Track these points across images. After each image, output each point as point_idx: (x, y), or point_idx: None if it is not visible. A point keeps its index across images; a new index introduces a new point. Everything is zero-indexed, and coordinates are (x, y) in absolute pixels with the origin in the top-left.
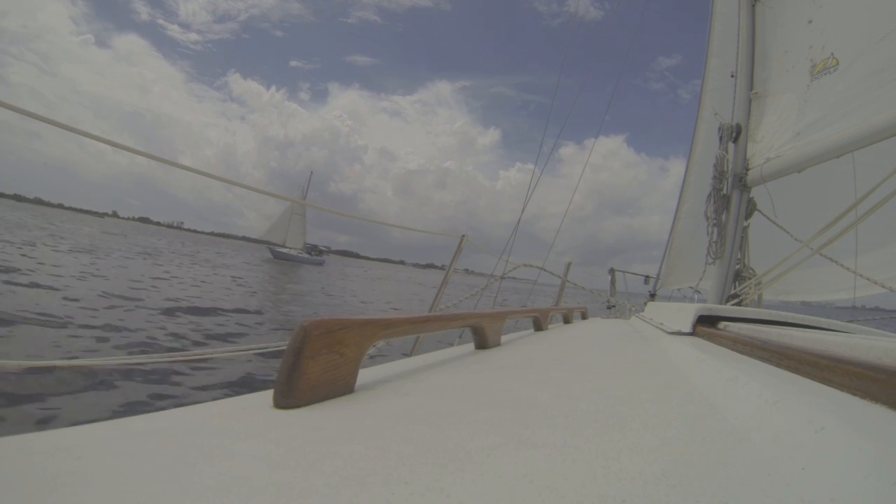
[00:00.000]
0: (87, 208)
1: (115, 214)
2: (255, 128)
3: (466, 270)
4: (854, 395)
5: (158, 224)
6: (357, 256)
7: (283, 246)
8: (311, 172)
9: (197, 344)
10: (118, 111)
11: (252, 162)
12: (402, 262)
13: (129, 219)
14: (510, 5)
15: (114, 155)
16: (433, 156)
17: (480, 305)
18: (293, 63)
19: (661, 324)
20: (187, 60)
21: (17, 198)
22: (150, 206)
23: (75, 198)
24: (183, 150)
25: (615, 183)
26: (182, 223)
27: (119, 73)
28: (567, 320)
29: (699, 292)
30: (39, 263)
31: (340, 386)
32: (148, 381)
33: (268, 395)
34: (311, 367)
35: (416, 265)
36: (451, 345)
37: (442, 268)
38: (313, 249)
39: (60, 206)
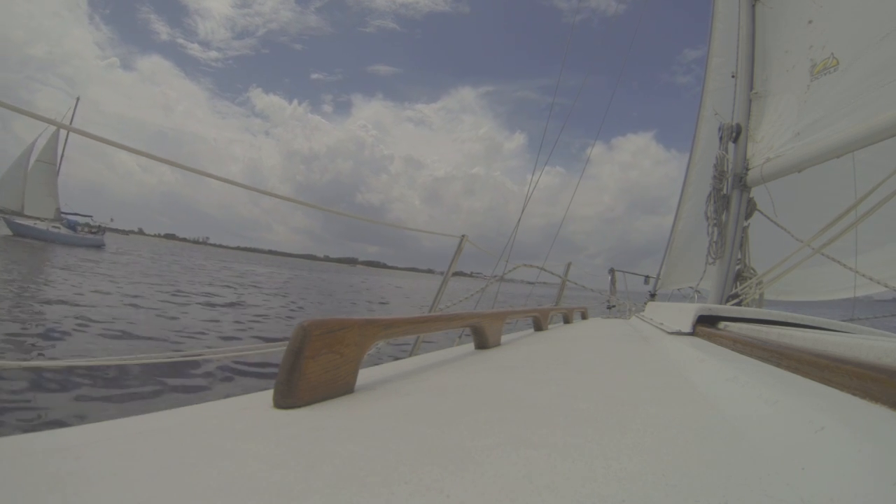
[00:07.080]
0: (113, 227)
1: (140, 231)
2: (279, 142)
3: None
4: (854, 395)
5: (184, 240)
6: (384, 266)
7: (21, 214)
8: (78, 99)
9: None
10: (142, 131)
11: (278, 176)
12: (430, 271)
13: (155, 235)
14: (530, 4)
15: (143, 174)
16: (460, 163)
17: (480, 306)
18: (314, 76)
19: (661, 324)
20: (209, 78)
21: None
22: (178, 223)
23: (103, 217)
24: (208, 168)
25: (646, 182)
26: (208, 238)
27: (144, 93)
28: (567, 320)
29: (699, 292)
30: None
31: (340, 386)
32: (147, 381)
33: (268, 395)
34: (311, 367)
35: (444, 273)
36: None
37: (470, 275)
38: (85, 226)
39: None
